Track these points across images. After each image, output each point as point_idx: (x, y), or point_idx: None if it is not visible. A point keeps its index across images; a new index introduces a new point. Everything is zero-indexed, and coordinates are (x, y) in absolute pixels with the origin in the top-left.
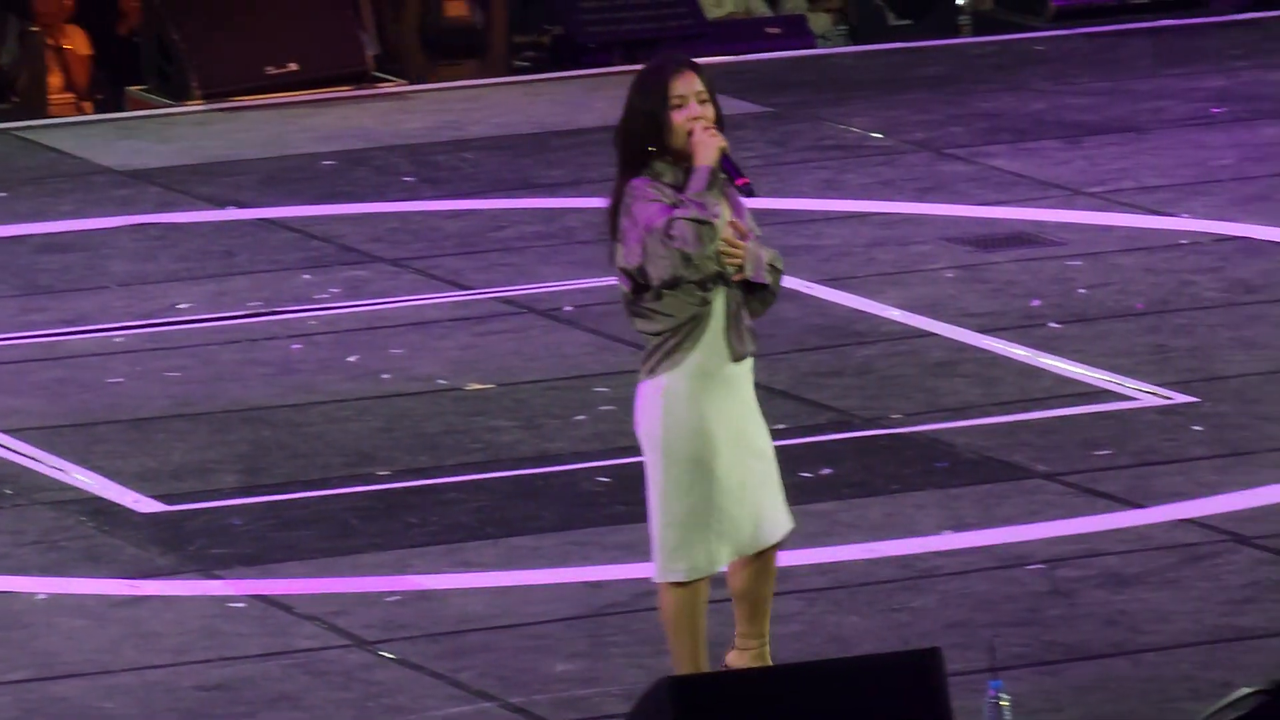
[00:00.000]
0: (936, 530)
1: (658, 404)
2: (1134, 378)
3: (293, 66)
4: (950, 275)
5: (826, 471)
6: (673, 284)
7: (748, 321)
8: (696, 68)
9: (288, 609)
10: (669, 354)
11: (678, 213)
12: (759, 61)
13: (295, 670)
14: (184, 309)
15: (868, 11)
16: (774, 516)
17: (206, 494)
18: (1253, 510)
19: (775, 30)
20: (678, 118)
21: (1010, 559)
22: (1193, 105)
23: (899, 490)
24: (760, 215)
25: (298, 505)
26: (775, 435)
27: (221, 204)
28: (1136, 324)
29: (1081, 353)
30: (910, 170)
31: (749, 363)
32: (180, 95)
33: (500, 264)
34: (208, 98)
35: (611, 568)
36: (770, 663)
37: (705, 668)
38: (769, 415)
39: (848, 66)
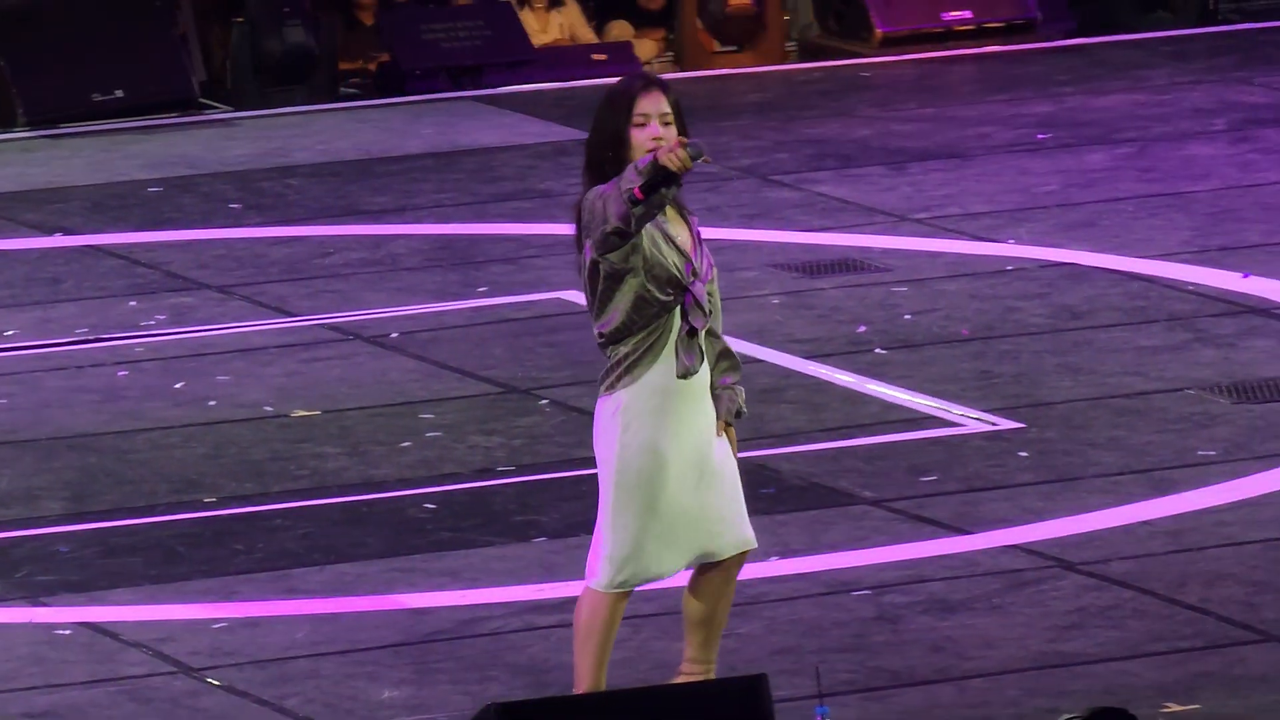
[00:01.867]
0: (763, 557)
1: (615, 420)
2: (960, 404)
3: (119, 93)
4: (776, 301)
5: None
6: (619, 237)
7: (699, 337)
8: (665, 88)
9: (114, 636)
10: (628, 370)
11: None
12: (585, 88)
13: (122, 697)
14: (9, 336)
15: (693, 38)
16: (730, 531)
17: (32, 521)
18: (1078, 536)
19: (601, 57)
20: (638, 135)
21: (837, 585)
22: (1018, 131)
23: None
24: None
25: (124, 532)
26: (589, 464)
27: (48, 230)
28: (962, 350)
29: (907, 379)
30: (736, 197)
31: (705, 379)
32: (5, 122)
33: (326, 290)
34: (33, 124)
35: (437, 594)
36: None
37: (604, 680)
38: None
39: (676, 92)
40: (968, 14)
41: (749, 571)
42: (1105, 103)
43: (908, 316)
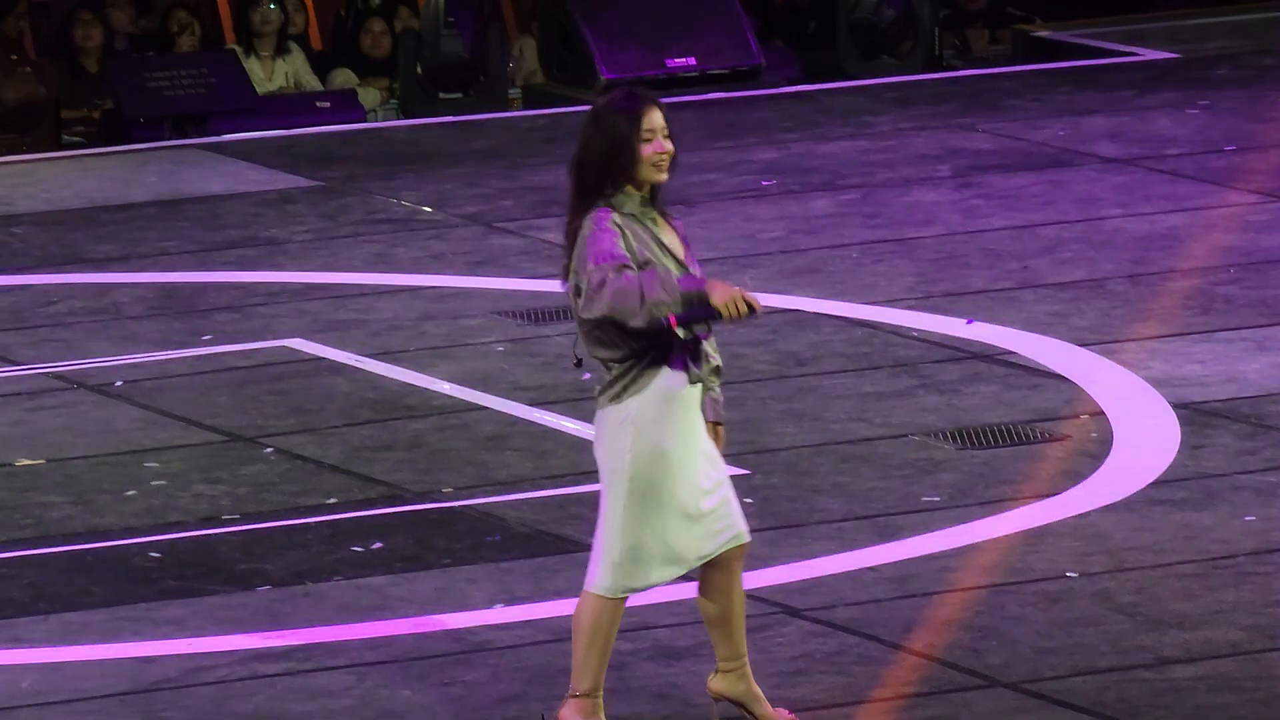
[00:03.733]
0: (489, 604)
1: (624, 429)
2: None
3: None
4: (501, 349)
5: (378, 545)
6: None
7: (704, 346)
8: (659, 103)
9: None
10: (635, 379)
11: (645, 275)
12: (310, 136)
13: None
14: None
15: (417, 86)
16: (726, 530)
17: None
18: (803, 583)
19: (325, 105)
20: (647, 151)
21: (563, 632)
22: (743, 178)
23: (451, 564)
24: (310, 289)
25: None
26: (325, 510)
27: None
28: None
29: None
30: (461, 244)
31: (699, 385)
32: None
33: (50, 339)
34: None
35: (163, 643)
36: (752, 682)
37: (603, 681)
38: (318, 490)
39: (398, 140)
40: (692, 60)
41: (474, 618)
42: (830, 149)
43: None
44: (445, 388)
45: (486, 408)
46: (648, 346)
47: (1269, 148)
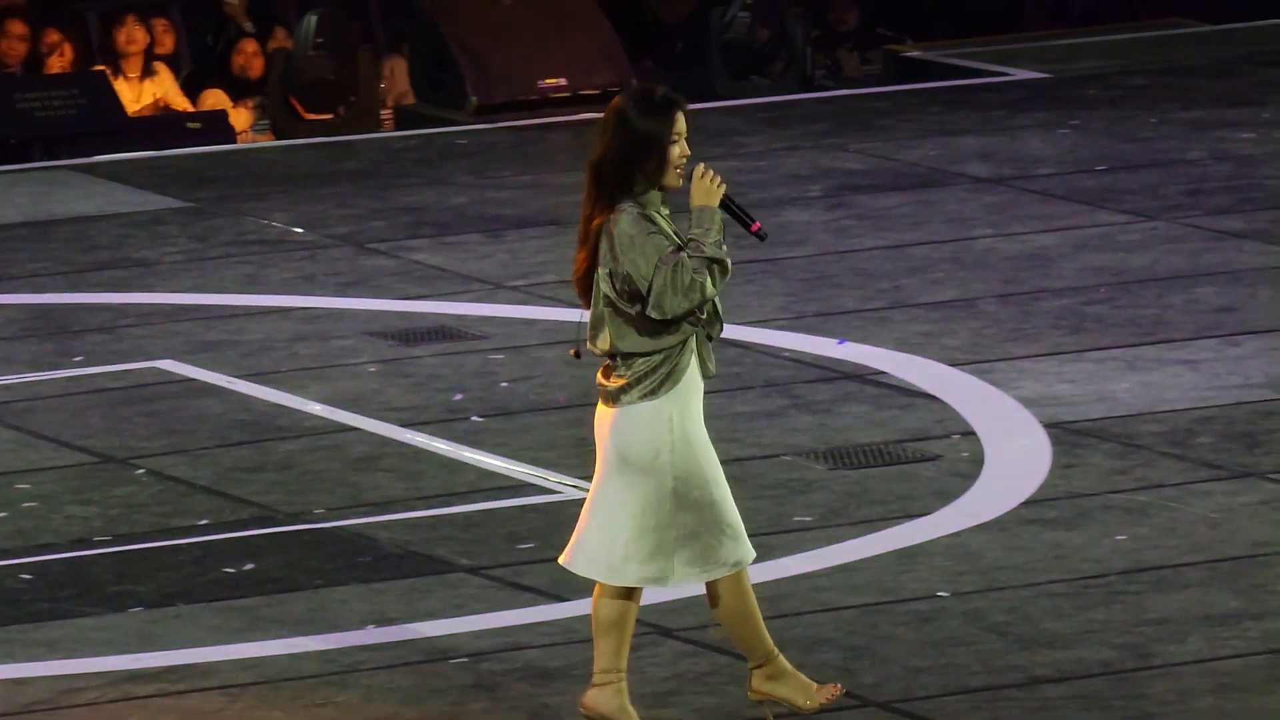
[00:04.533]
0: (360, 625)
1: (661, 425)
2: (557, 471)
3: None
4: (373, 369)
5: (249, 567)
6: (676, 316)
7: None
8: (685, 105)
9: None
10: (668, 375)
11: (689, 251)
12: (180, 157)
13: None
14: None
15: (288, 107)
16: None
17: None
18: (675, 602)
19: (196, 126)
20: (673, 152)
21: (434, 653)
22: None
23: (322, 585)
24: (181, 310)
25: None
26: (196, 531)
27: None
28: (560, 417)
29: (504, 446)
30: (332, 265)
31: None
32: None
33: None
34: None
35: (35, 664)
36: (792, 672)
37: (625, 667)
38: (190, 511)
39: (269, 161)
40: (563, 81)
41: (346, 639)
42: None
43: (505, 384)
44: (317, 409)
45: (358, 428)
46: (683, 341)
47: (1139, 167)
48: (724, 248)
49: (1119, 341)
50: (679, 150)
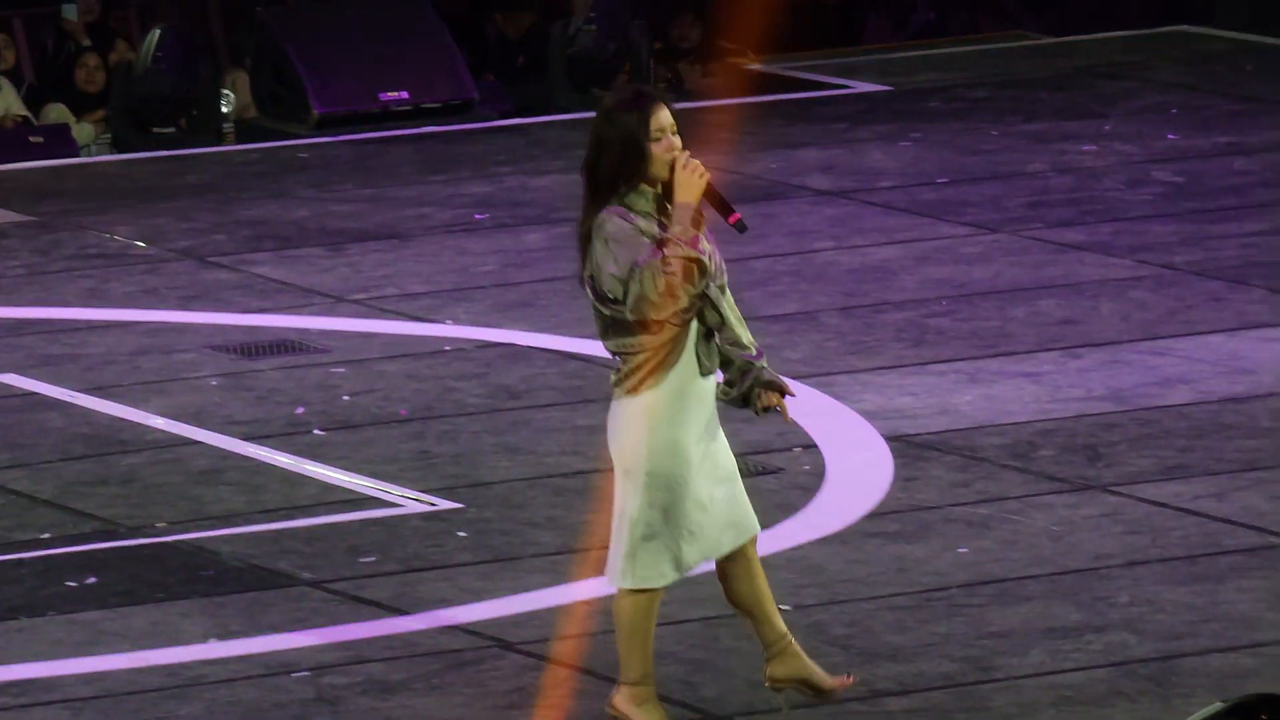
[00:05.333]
0: (202, 638)
1: (641, 422)
2: (399, 484)
3: None
4: (215, 383)
5: (92, 580)
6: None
7: (715, 338)
8: (665, 100)
9: None
10: (652, 372)
11: (666, 251)
12: (22, 170)
13: None
14: None
15: (130, 121)
16: (740, 521)
17: None
18: (517, 616)
19: (38, 139)
20: (657, 149)
21: (277, 666)
22: (455, 212)
23: (164, 599)
24: (24, 324)
25: None
26: (39, 545)
27: None
28: (401, 430)
29: (346, 460)
30: (174, 278)
31: (713, 378)
32: None
33: None
34: None
35: None
36: (805, 658)
37: (652, 670)
38: (32, 525)
39: (111, 175)
40: (405, 94)
41: (188, 653)
42: (543, 183)
43: (346, 397)
44: (159, 422)
45: (200, 442)
46: (670, 339)
47: (980, 180)
48: (704, 245)
49: (961, 354)
50: (664, 146)
